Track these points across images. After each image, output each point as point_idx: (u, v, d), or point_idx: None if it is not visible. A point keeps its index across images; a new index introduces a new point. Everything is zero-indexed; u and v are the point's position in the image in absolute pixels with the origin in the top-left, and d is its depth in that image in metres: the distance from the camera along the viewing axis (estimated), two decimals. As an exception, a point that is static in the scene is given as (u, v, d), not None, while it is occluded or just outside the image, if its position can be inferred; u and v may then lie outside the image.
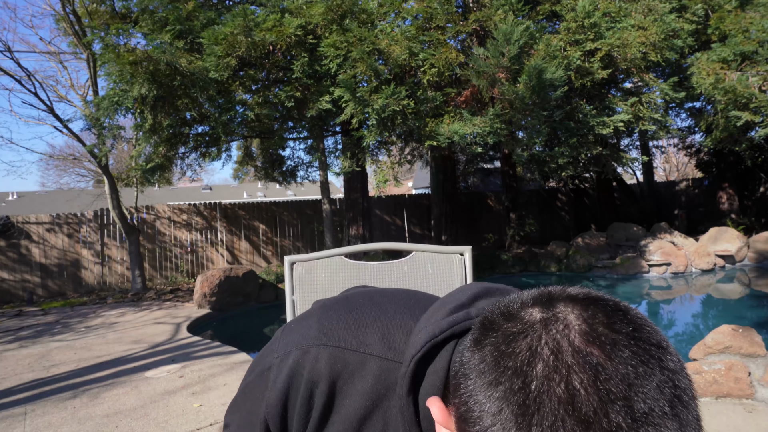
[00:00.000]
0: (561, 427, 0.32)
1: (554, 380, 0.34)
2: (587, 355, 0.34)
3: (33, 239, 9.51)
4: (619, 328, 0.36)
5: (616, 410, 0.32)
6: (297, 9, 6.50)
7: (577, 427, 0.32)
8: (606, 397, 0.32)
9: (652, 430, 0.31)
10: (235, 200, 18.78)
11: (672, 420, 0.32)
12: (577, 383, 0.33)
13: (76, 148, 22.55)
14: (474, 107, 6.59)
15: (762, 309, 6.11)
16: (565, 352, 0.35)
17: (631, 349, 0.35)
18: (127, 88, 6.27)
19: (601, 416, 0.32)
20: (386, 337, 0.60)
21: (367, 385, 0.58)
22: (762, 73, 6.75)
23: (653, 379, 0.34)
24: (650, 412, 0.32)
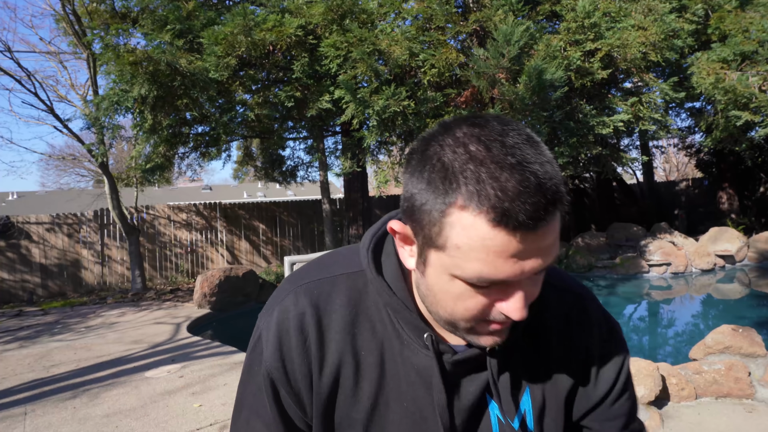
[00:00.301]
0: (468, 168, 0.50)
1: (457, 151, 0.51)
2: (473, 134, 0.52)
3: (33, 239, 9.51)
4: (493, 124, 0.54)
5: (496, 146, 0.50)
6: (297, 9, 6.50)
7: (472, 163, 0.50)
8: (488, 143, 0.51)
9: (518, 152, 0.50)
10: (235, 200, 18.77)
11: (528, 146, 0.51)
12: (471, 147, 0.51)
13: (76, 148, 22.56)
14: (474, 107, 6.59)
15: (762, 309, 6.11)
16: (460, 137, 0.52)
17: (499, 125, 0.53)
18: (127, 88, 6.27)
19: (486, 153, 0.50)
20: (347, 262, 0.70)
21: (344, 297, 0.67)
22: (762, 73, 6.75)
23: (514, 132, 0.52)
24: (515, 144, 0.50)
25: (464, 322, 0.58)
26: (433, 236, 0.53)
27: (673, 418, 2.76)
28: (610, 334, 0.74)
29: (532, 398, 0.69)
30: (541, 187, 0.49)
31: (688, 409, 2.86)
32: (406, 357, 0.66)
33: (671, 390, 2.95)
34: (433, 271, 0.56)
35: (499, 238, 0.49)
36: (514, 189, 0.48)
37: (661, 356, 4.72)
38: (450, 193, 0.50)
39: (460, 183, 0.50)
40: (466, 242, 0.51)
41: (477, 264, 0.51)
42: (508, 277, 0.52)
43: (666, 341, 5.32)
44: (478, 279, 0.52)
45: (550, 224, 0.50)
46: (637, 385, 2.78)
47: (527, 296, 0.55)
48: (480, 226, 0.49)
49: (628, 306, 6.89)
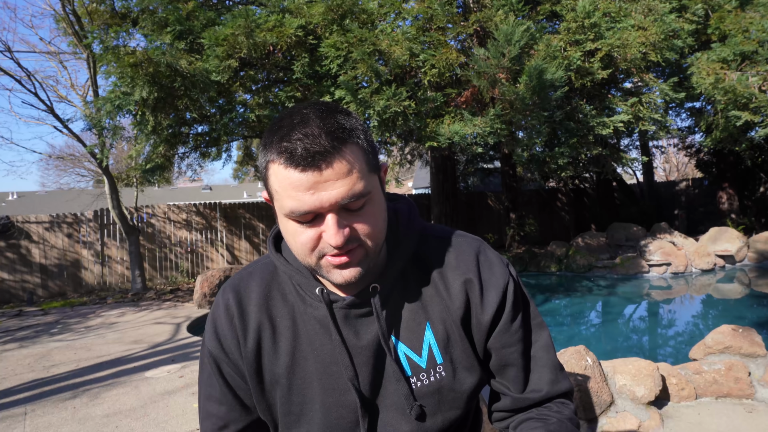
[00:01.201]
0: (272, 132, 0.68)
1: (273, 123, 0.70)
2: (287, 112, 0.70)
3: (33, 239, 9.51)
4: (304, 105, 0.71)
5: (294, 114, 0.69)
6: (297, 9, 6.49)
7: (275, 128, 0.68)
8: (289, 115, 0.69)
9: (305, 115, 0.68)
10: (235, 200, 18.75)
11: (320, 111, 0.68)
12: (277, 119, 0.70)
13: (76, 148, 22.54)
14: (474, 107, 6.59)
15: (762, 309, 6.11)
16: (281, 114, 0.70)
17: (307, 104, 0.71)
18: (128, 91, 6.26)
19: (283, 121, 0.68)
20: (265, 258, 0.87)
21: (258, 278, 0.83)
22: (762, 73, 6.75)
23: (314, 104, 0.70)
24: (307, 110, 0.69)
25: (308, 257, 0.70)
26: (268, 188, 0.70)
27: (673, 418, 2.76)
28: (489, 263, 0.82)
29: (433, 331, 0.79)
30: (318, 135, 0.64)
31: (688, 409, 2.86)
32: (309, 314, 0.79)
33: (671, 390, 2.95)
34: (280, 221, 0.72)
35: (292, 176, 0.65)
36: (296, 138, 0.64)
37: (661, 356, 4.72)
38: (266, 155, 0.68)
39: (270, 147, 0.67)
40: (277, 185, 0.67)
41: (288, 200, 0.66)
42: (311, 207, 0.65)
43: (666, 341, 5.32)
44: (291, 212, 0.67)
45: (332, 160, 0.64)
46: (637, 385, 2.78)
47: (340, 226, 0.67)
48: (280, 171, 0.66)
49: (628, 306, 6.89)
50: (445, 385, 0.79)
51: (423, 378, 0.78)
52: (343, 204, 0.66)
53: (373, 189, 0.70)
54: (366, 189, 0.68)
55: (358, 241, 0.69)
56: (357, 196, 0.66)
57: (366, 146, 0.70)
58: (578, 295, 7.52)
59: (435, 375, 0.78)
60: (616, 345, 5.09)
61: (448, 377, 0.79)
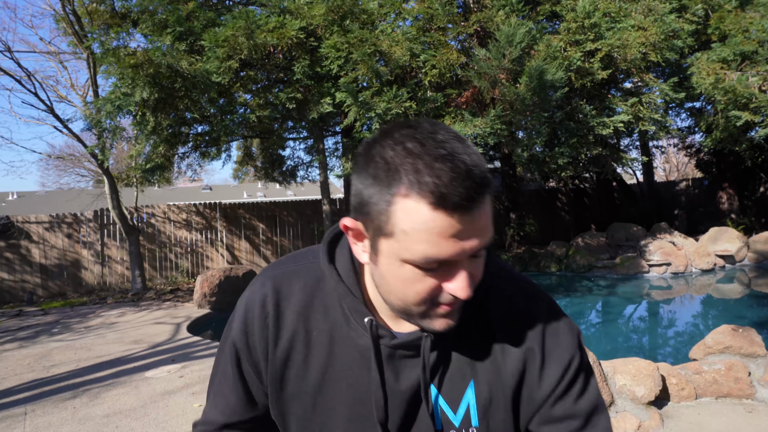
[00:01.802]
0: (407, 161, 0.56)
1: (395, 148, 0.57)
2: (408, 134, 0.58)
3: (33, 239, 9.51)
4: (424, 125, 0.59)
5: (429, 142, 0.56)
6: (297, 9, 6.49)
7: (410, 157, 0.56)
8: (422, 140, 0.57)
9: (448, 145, 0.56)
10: (235, 200, 18.76)
11: (456, 141, 0.57)
12: (408, 144, 0.57)
13: (76, 148, 22.54)
14: (475, 108, 6.59)
15: (762, 309, 6.11)
16: (397, 137, 0.58)
17: (430, 125, 0.59)
18: (128, 92, 6.26)
19: (421, 148, 0.56)
20: (311, 256, 0.78)
21: (302, 283, 0.75)
22: (762, 73, 6.75)
23: (443, 130, 0.58)
24: (445, 139, 0.56)
25: (416, 306, 0.63)
26: (382, 225, 0.59)
27: (673, 418, 2.76)
28: (557, 331, 0.73)
29: (476, 392, 0.71)
30: (471, 173, 0.55)
31: (688, 409, 2.86)
32: (351, 339, 0.72)
33: (671, 390, 2.95)
34: (385, 259, 0.61)
35: (439, 220, 0.55)
36: (448, 175, 0.54)
37: (661, 356, 4.72)
38: (393, 184, 0.56)
39: (401, 174, 0.56)
40: (411, 226, 0.56)
41: (422, 245, 0.57)
42: (450, 256, 0.57)
43: (666, 341, 5.32)
44: (425, 260, 0.58)
45: (482, 206, 0.57)
46: (637, 385, 2.78)
47: (470, 276, 0.61)
48: (422, 210, 0.55)
49: (628, 306, 6.89)
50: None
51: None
52: (479, 251, 0.59)
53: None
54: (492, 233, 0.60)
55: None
56: (489, 243, 0.60)
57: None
58: (578, 295, 7.53)
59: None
60: (616, 345, 5.09)
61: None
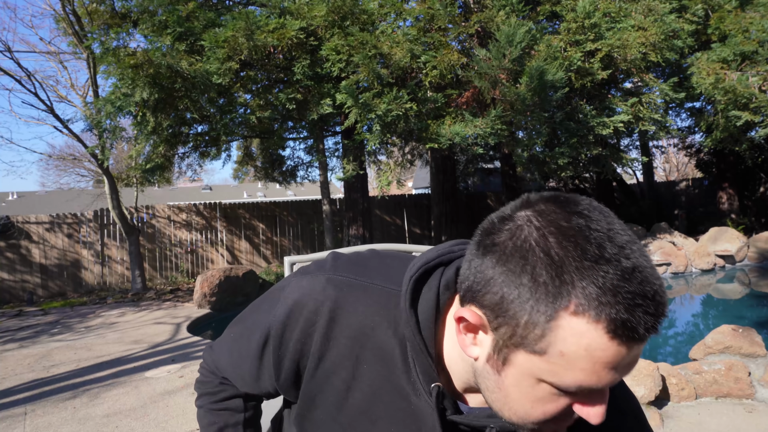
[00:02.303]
0: (584, 267, 0.46)
1: (564, 245, 0.47)
2: (579, 226, 0.48)
3: (33, 239, 9.51)
4: (584, 207, 0.51)
5: (608, 245, 0.46)
6: (298, 10, 6.49)
7: (587, 261, 0.46)
8: (600, 241, 0.47)
9: (631, 254, 0.46)
10: (235, 200, 18.78)
11: (634, 244, 0.48)
12: (581, 241, 0.47)
13: (76, 148, 22.53)
14: (475, 108, 6.59)
15: (762, 309, 6.11)
16: (564, 227, 0.48)
17: (600, 214, 0.50)
18: (128, 92, 6.26)
19: (600, 253, 0.46)
20: (388, 275, 0.68)
21: (369, 307, 0.65)
22: (762, 73, 6.75)
23: (617, 225, 0.49)
24: (624, 243, 0.47)
25: (534, 424, 0.55)
26: (531, 338, 0.49)
27: (673, 418, 2.76)
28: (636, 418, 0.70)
29: None
30: (658, 299, 0.46)
31: (688, 409, 2.86)
32: (405, 391, 0.65)
33: (671, 390, 2.95)
34: (516, 373, 0.52)
35: (612, 350, 0.46)
36: (635, 300, 0.45)
37: (661, 356, 4.72)
38: (562, 296, 0.46)
39: (576, 286, 0.46)
40: (574, 350, 0.47)
41: (580, 374, 0.48)
42: (605, 385, 0.49)
43: (666, 341, 5.32)
44: (577, 388, 0.49)
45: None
46: (637, 385, 2.78)
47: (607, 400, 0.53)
48: (594, 336, 0.46)
49: (628, 306, 6.89)
50: None
51: None
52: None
53: None
54: None
55: None
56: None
57: None
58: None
59: None
60: (616, 345, 5.08)
61: None
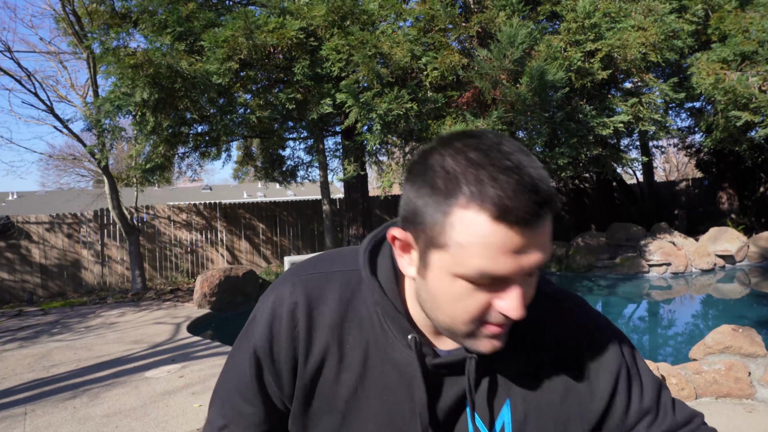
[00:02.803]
0: (469, 171, 0.53)
1: (457, 158, 0.55)
2: (471, 144, 0.55)
3: (33, 239, 9.51)
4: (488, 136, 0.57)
5: (493, 153, 0.54)
6: (298, 10, 6.49)
7: (472, 167, 0.53)
8: (486, 151, 0.54)
9: (514, 157, 0.53)
10: (235, 200, 18.76)
11: (522, 154, 0.54)
12: (471, 155, 0.54)
13: (76, 148, 22.53)
14: (476, 108, 6.59)
15: (762, 309, 6.11)
16: (459, 147, 0.56)
17: (494, 137, 0.57)
18: (128, 92, 6.26)
19: (485, 159, 0.53)
20: (345, 261, 0.74)
21: (337, 293, 0.70)
22: (762, 73, 6.75)
23: (508, 141, 0.56)
24: (510, 151, 0.54)
25: (464, 325, 0.59)
26: (435, 236, 0.56)
27: (673, 418, 2.76)
28: (602, 341, 0.72)
29: (512, 410, 0.69)
30: (537, 187, 0.53)
31: (688, 409, 2.86)
32: (389, 355, 0.69)
33: (671, 390, 2.95)
34: (435, 274, 0.58)
35: (500, 234, 0.53)
36: (513, 188, 0.52)
37: (661, 356, 4.72)
38: (452, 194, 0.54)
39: (462, 184, 0.53)
40: (468, 239, 0.54)
41: (478, 260, 0.54)
42: (507, 272, 0.54)
43: (666, 341, 5.32)
44: (480, 274, 0.55)
45: (545, 222, 0.54)
46: (637, 385, 2.78)
47: (524, 295, 0.58)
48: (482, 223, 0.53)
49: (628, 306, 6.89)
50: None
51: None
52: (536, 270, 0.57)
53: None
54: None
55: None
56: (547, 260, 0.57)
57: None
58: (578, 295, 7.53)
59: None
60: (616, 345, 5.08)
61: None
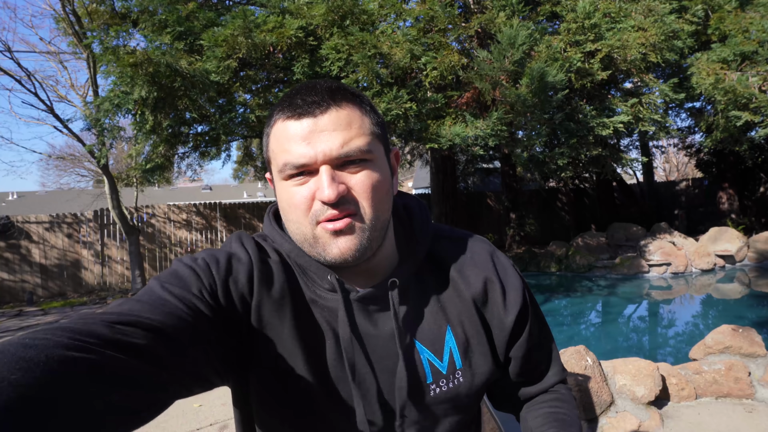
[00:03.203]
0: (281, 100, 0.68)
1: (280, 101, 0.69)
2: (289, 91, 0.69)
3: (33, 239, 9.51)
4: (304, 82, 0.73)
5: (303, 84, 0.68)
6: (297, 10, 6.50)
7: (284, 97, 0.68)
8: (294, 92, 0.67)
9: (316, 82, 0.68)
10: (235, 200, 18.75)
11: (330, 82, 0.68)
12: (285, 94, 0.68)
13: (76, 148, 22.54)
14: (475, 109, 6.59)
15: (762, 309, 6.12)
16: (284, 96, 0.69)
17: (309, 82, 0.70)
18: (128, 90, 6.26)
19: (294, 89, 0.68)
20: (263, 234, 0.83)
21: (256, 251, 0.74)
22: (762, 73, 6.76)
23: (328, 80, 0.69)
24: (319, 81, 0.69)
25: (304, 226, 0.66)
26: (267, 155, 0.70)
27: (673, 418, 2.76)
28: (503, 265, 0.81)
29: (454, 335, 0.75)
30: (317, 85, 0.66)
31: (688, 409, 2.86)
32: (316, 303, 0.71)
33: (671, 390, 2.96)
34: (276, 187, 0.70)
35: (289, 127, 0.65)
36: (297, 94, 0.66)
37: (661, 356, 4.72)
38: (269, 121, 0.68)
39: (275, 111, 0.68)
40: (275, 142, 0.67)
41: (282, 155, 0.65)
42: (305, 158, 0.63)
43: (666, 341, 5.32)
44: (285, 165, 0.65)
45: (327, 110, 0.64)
46: (637, 385, 2.78)
47: (334, 179, 0.63)
48: (281, 125, 0.66)
49: (628, 306, 6.89)
50: (462, 391, 0.75)
51: (442, 384, 0.74)
52: (338, 156, 0.63)
53: (375, 153, 0.67)
54: (366, 147, 0.65)
55: (354, 205, 0.64)
56: (354, 151, 0.63)
57: (371, 115, 0.68)
58: (578, 295, 7.53)
59: (454, 381, 0.74)
60: (616, 345, 5.09)
61: (467, 382, 0.75)
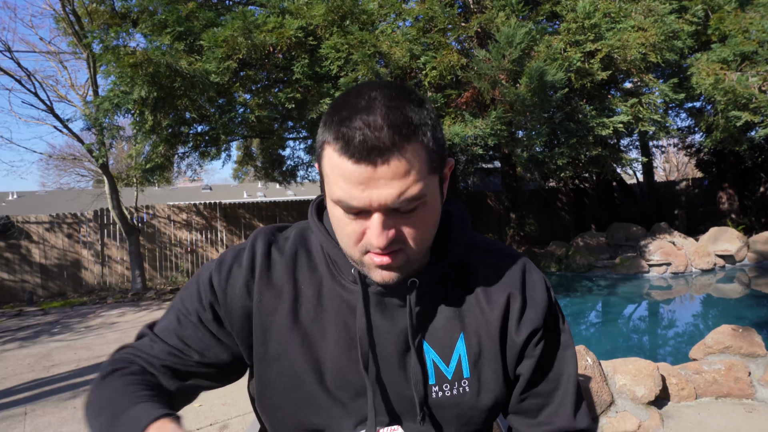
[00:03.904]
0: (332, 112, 0.64)
1: (332, 104, 0.65)
2: (347, 91, 0.66)
3: (33, 239, 9.51)
4: (365, 83, 0.66)
5: (352, 95, 0.64)
6: (297, 10, 6.49)
7: (333, 110, 0.64)
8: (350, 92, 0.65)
9: (369, 98, 0.62)
10: (235, 200, 18.74)
11: (384, 97, 0.62)
12: (337, 99, 0.65)
13: (76, 148, 22.54)
14: (475, 108, 6.59)
15: (762, 309, 6.11)
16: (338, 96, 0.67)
17: (366, 84, 0.65)
18: (127, 90, 6.26)
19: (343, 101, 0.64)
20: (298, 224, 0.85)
21: (292, 237, 0.81)
22: (762, 73, 6.75)
23: (376, 85, 0.65)
24: (370, 93, 0.63)
25: (352, 250, 0.68)
26: (321, 168, 0.67)
27: (673, 418, 2.76)
28: (534, 283, 0.80)
29: (467, 343, 0.76)
30: (379, 127, 0.59)
31: (688, 409, 2.86)
32: (337, 292, 0.76)
33: (671, 390, 2.95)
34: (328, 203, 0.69)
35: (345, 166, 0.61)
36: (356, 126, 0.59)
37: (661, 356, 4.72)
38: (323, 133, 0.64)
39: (327, 125, 0.63)
40: (329, 171, 0.64)
41: (337, 189, 0.63)
42: (359, 203, 0.62)
43: (666, 341, 5.32)
44: (339, 202, 0.63)
45: (388, 159, 0.60)
46: (637, 385, 2.78)
47: (386, 227, 0.63)
48: (334, 156, 0.62)
49: (628, 306, 6.89)
50: (467, 401, 0.75)
51: (446, 389, 0.75)
52: (393, 206, 0.62)
53: (429, 192, 0.65)
54: (421, 192, 0.63)
55: (403, 244, 0.66)
56: (410, 200, 0.62)
57: (432, 145, 0.64)
58: (578, 295, 7.53)
59: (459, 389, 0.75)
60: (616, 345, 5.09)
61: (472, 393, 0.75)
